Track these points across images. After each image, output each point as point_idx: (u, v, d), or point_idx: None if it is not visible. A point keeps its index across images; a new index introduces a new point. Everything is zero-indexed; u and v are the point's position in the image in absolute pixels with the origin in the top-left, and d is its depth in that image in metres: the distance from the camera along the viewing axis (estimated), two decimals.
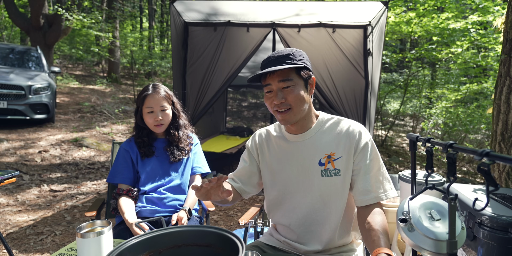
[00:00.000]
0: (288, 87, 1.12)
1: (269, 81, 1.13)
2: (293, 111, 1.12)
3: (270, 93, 1.15)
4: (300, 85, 1.13)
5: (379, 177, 1.16)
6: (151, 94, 1.64)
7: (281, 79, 1.11)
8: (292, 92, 1.11)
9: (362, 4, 3.43)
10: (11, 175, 1.69)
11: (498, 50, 5.65)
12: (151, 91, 1.65)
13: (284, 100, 1.11)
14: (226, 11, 3.56)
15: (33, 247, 2.47)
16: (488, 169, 0.68)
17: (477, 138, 7.31)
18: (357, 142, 1.16)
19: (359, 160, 1.15)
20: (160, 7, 17.40)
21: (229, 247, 0.78)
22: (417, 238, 0.88)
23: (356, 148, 1.16)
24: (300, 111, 1.14)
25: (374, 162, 1.16)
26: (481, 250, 1.35)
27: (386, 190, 1.15)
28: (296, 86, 1.12)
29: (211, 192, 0.98)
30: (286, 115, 1.13)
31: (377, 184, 1.15)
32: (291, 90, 1.12)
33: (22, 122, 5.70)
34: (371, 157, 1.15)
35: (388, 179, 1.18)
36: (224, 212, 3.26)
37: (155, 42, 16.04)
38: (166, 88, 1.72)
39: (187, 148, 1.75)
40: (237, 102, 7.73)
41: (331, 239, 1.20)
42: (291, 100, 1.11)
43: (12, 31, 13.24)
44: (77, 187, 3.72)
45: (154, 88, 1.66)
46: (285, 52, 1.14)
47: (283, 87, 1.12)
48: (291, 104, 1.12)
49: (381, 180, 1.16)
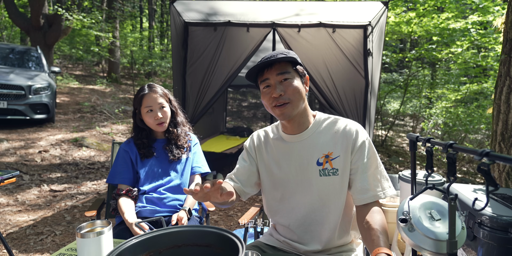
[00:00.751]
0: (287, 79, 1.13)
1: (267, 75, 1.14)
2: (292, 104, 1.13)
3: (268, 88, 1.15)
4: (298, 78, 1.15)
5: (377, 176, 1.16)
6: (148, 94, 1.64)
7: (280, 72, 1.13)
8: (290, 85, 1.13)
9: (362, 4, 3.43)
10: (11, 175, 1.70)
11: (498, 50, 5.65)
12: (148, 91, 1.65)
13: (283, 93, 1.12)
14: (226, 11, 3.56)
15: (33, 247, 2.47)
16: (488, 169, 0.68)
17: (477, 138, 7.31)
18: (354, 141, 1.16)
19: (356, 159, 1.15)
20: (160, 7, 17.40)
21: (229, 247, 0.78)
22: (417, 238, 0.88)
23: (354, 147, 1.16)
24: (298, 105, 1.14)
25: (372, 160, 1.16)
26: (481, 250, 1.35)
27: (384, 188, 1.15)
28: (294, 79, 1.14)
29: (209, 195, 0.97)
30: (285, 109, 1.13)
31: (375, 182, 1.15)
32: (289, 82, 1.13)
33: (22, 122, 5.70)
34: (368, 155, 1.16)
35: (386, 177, 1.18)
36: (224, 212, 3.26)
37: (155, 42, 16.05)
38: (161, 86, 1.73)
39: (185, 146, 1.75)
40: (237, 102, 7.73)
41: (330, 238, 1.20)
42: (290, 93, 1.12)
43: (12, 31, 13.24)
44: (77, 187, 3.72)
45: (150, 88, 1.67)
46: (280, 51, 1.16)
47: (282, 79, 1.13)
48: (290, 97, 1.12)
49: (379, 178, 1.16)
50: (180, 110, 1.81)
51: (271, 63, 1.13)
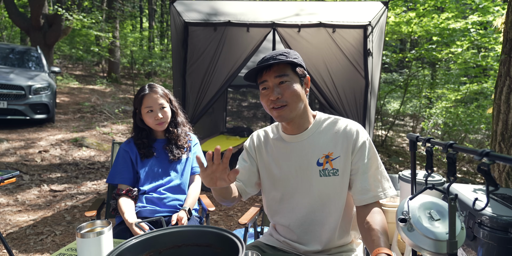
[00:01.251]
0: (285, 82, 1.12)
1: (265, 77, 1.13)
2: (289, 107, 1.12)
3: (266, 90, 1.15)
4: (296, 81, 1.14)
5: (377, 176, 1.15)
6: (148, 94, 1.64)
7: (278, 75, 1.12)
8: (288, 88, 1.12)
9: (362, 4, 3.43)
10: (11, 175, 1.69)
11: (498, 50, 5.65)
12: (148, 91, 1.65)
13: (281, 96, 1.11)
14: (226, 11, 3.56)
15: (33, 247, 2.47)
16: (488, 169, 0.68)
17: (477, 138, 7.31)
18: (354, 141, 1.16)
19: (357, 160, 1.15)
20: (160, 7, 17.40)
21: (229, 247, 0.78)
22: (417, 238, 0.88)
23: (354, 147, 1.15)
24: (296, 107, 1.14)
25: (372, 161, 1.16)
26: (481, 250, 1.35)
27: (384, 188, 1.15)
28: (292, 82, 1.13)
29: (217, 175, 0.95)
30: (282, 111, 1.12)
31: (376, 182, 1.14)
32: (287, 85, 1.12)
33: (22, 122, 5.70)
34: (369, 156, 1.15)
35: (387, 177, 1.18)
36: (224, 212, 3.26)
37: (155, 42, 16.05)
38: (162, 87, 1.73)
39: (186, 146, 1.75)
40: (237, 102, 7.73)
41: (330, 239, 1.20)
42: (287, 96, 1.11)
43: (12, 31, 13.24)
44: (77, 187, 3.72)
45: (151, 88, 1.67)
46: (281, 51, 1.15)
47: (280, 82, 1.12)
48: (287, 101, 1.12)
49: (379, 179, 1.15)
50: (180, 110, 1.81)
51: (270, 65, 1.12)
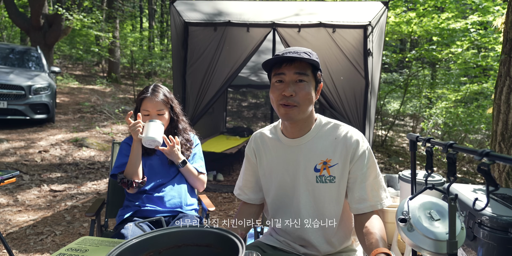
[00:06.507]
0: (302, 81, 1.08)
1: (284, 70, 1.08)
2: (299, 109, 1.08)
3: (280, 83, 1.09)
4: (312, 84, 1.11)
5: (375, 186, 1.14)
6: (149, 97, 1.62)
7: (298, 71, 1.07)
8: (304, 89, 1.07)
9: (362, 4, 3.43)
10: (11, 175, 1.69)
11: (498, 50, 5.65)
12: (150, 94, 1.62)
13: (295, 94, 1.07)
14: (226, 11, 3.56)
15: (33, 247, 2.47)
16: (488, 169, 0.68)
17: (477, 138, 7.30)
18: (354, 150, 1.13)
19: (355, 169, 1.13)
20: (160, 7, 17.39)
21: (229, 247, 0.78)
22: (417, 238, 0.88)
23: (353, 156, 1.13)
24: (305, 110, 1.10)
25: (371, 170, 1.14)
26: (481, 250, 1.35)
27: (381, 199, 1.14)
28: (309, 84, 1.09)
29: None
30: (291, 111, 1.08)
31: (373, 192, 1.13)
32: (303, 86, 1.08)
33: (22, 122, 5.70)
34: (368, 165, 1.14)
35: (384, 187, 1.17)
36: (224, 212, 3.26)
37: (155, 42, 16.03)
38: (166, 90, 1.69)
39: (187, 153, 1.73)
40: (237, 102, 7.73)
41: (329, 244, 1.19)
42: (301, 97, 1.07)
43: (12, 31, 13.25)
44: (77, 187, 3.72)
45: (154, 91, 1.64)
46: (304, 49, 1.10)
47: (297, 79, 1.08)
48: (299, 102, 1.07)
49: (377, 188, 1.14)
50: (182, 116, 1.77)
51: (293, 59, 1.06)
